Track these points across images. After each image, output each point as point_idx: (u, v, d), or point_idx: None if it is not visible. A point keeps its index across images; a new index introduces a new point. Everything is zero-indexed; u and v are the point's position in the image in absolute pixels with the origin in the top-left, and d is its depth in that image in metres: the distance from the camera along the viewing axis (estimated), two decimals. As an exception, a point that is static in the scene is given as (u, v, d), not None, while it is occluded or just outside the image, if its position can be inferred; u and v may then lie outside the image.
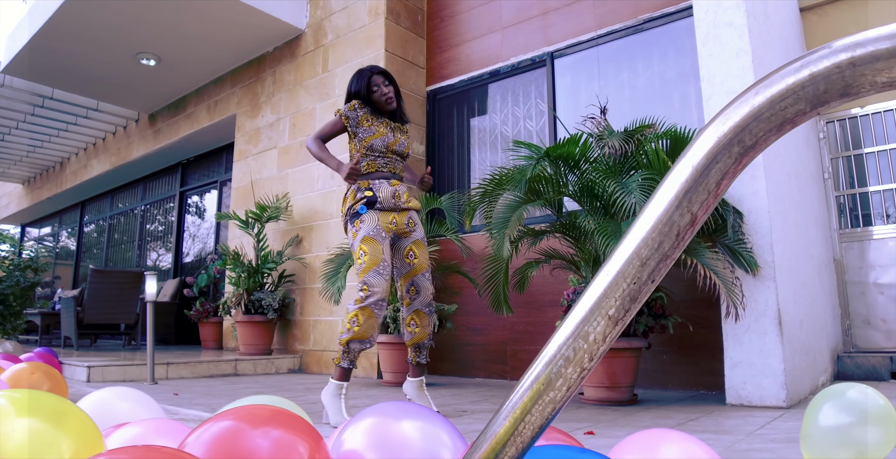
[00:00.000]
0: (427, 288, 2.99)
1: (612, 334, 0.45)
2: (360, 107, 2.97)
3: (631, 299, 0.44)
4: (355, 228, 2.86)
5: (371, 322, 2.74)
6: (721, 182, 0.41)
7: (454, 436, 1.08)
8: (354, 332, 2.72)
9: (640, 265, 0.43)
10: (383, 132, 2.96)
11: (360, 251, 2.80)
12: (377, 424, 1.11)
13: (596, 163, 3.23)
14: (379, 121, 2.98)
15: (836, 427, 1.48)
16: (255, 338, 5.69)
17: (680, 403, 3.32)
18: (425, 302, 2.99)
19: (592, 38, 4.90)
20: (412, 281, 2.98)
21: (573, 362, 0.45)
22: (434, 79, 5.91)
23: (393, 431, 1.08)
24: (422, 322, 3.00)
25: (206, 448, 0.96)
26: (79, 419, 1.20)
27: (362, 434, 1.10)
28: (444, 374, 5.08)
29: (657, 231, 0.42)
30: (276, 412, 1.07)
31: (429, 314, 3.01)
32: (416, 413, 1.13)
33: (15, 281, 6.04)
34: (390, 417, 1.11)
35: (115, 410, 1.65)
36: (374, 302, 2.73)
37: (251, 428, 1.01)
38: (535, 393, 0.47)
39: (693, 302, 3.72)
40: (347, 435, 1.11)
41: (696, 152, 0.42)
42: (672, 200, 0.42)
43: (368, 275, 2.75)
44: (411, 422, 1.11)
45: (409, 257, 2.98)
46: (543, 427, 0.48)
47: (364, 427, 1.11)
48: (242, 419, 1.02)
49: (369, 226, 2.83)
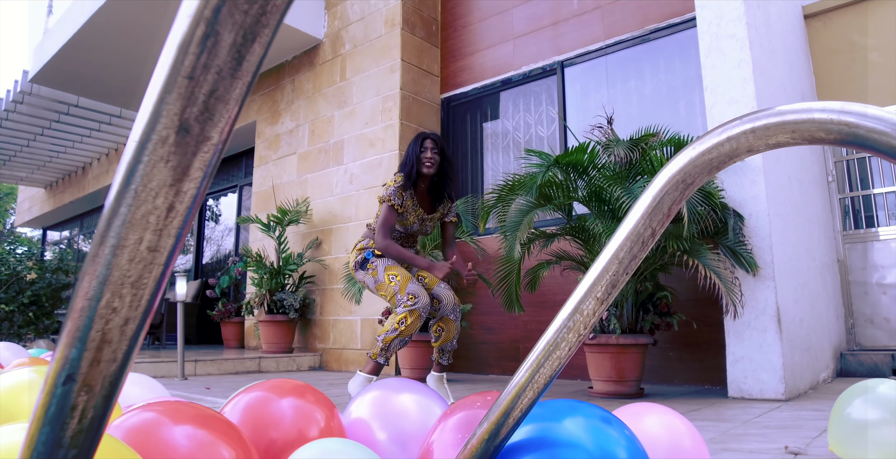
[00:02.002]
0: (448, 295, 3.23)
1: (599, 310, 0.65)
2: (404, 192, 3.19)
3: (612, 286, 0.64)
4: (371, 269, 3.18)
5: (416, 323, 3.02)
6: (671, 207, 0.62)
7: (444, 407, 1.30)
8: (401, 331, 3.00)
9: (617, 263, 0.63)
10: (412, 221, 3.26)
11: (390, 276, 3.10)
12: (380, 396, 1.33)
13: (603, 170, 3.43)
14: (413, 210, 3.25)
15: (866, 423, 1.48)
16: (277, 337, 5.92)
17: (684, 396, 3.50)
18: (449, 308, 3.23)
19: (601, 47, 5.09)
20: (432, 295, 3.23)
21: (573, 330, 0.66)
22: (448, 87, 6.12)
23: (393, 402, 1.31)
24: (447, 327, 3.24)
25: (241, 413, 1.18)
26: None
27: (368, 404, 1.32)
28: (459, 371, 5.28)
29: (629, 240, 0.62)
30: (297, 385, 1.29)
31: (455, 319, 3.26)
32: (413, 388, 1.36)
33: (47, 283, 6.31)
34: (392, 391, 1.34)
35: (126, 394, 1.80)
36: (422, 306, 3.01)
37: (277, 398, 1.22)
38: (546, 352, 0.67)
39: (697, 301, 3.90)
40: (355, 406, 1.34)
41: (654, 187, 0.62)
42: (639, 219, 0.62)
43: (409, 287, 3.04)
44: (409, 395, 1.33)
45: (419, 280, 3.30)
46: (553, 378, 0.68)
47: (369, 398, 1.33)
48: (270, 389, 1.24)
49: (384, 261, 3.17)
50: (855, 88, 5.35)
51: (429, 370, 4.53)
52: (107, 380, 0.33)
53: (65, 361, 0.33)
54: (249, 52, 0.26)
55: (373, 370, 3.05)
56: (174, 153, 0.27)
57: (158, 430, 0.95)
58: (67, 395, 0.33)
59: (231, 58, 0.26)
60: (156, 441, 0.92)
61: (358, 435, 1.27)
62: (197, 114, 0.27)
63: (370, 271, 3.18)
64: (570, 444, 0.78)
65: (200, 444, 0.94)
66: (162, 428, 0.95)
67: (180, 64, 0.26)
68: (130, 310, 0.31)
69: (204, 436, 0.96)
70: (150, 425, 0.95)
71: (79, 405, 0.34)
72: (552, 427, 0.81)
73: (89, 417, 0.34)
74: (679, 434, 1.07)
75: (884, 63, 5.37)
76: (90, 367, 0.32)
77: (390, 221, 3.16)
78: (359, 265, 3.24)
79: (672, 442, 1.04)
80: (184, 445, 0.93)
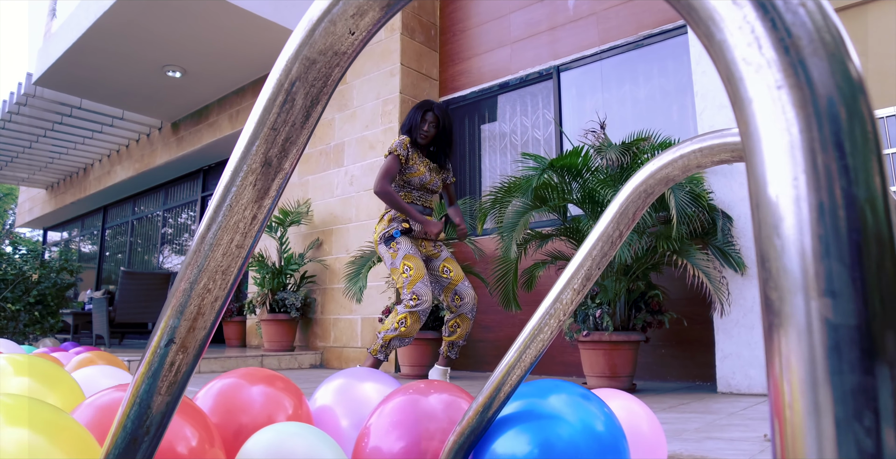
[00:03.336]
0: (469, 294, 3.36)
1: (577, 299, 0.77)
2: (410, 145, 3.33)
3: (587, 278, 0.76)
4: (392, 249, 3.25)
5: (416, 325, 3.14)
6: (636, 213, 0.74)
7: None
8: (401, 332, 3.11)
9: (591, 259, 0.75)
10: (422, 171, 3.37)
11: (405, 266, 3.18)
12: (344, 384, 1.42)
13: (596, 173, 3.55)
14: (421, 161, 3.36)
15: None
16: (278, 336, 6.04)
17: (675, 392, 3.62)
18: (468, 308, 3.37)
19: (596, 52, 5.21)
20: (455, 291, 3.36)
21: (554, 316, 0.78)
22: (447, 90, 6.24)
23: (355, 390, 1.40)
24: (462, 324, 3.38)
25: (213, 399, 1.26)
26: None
27: (332, 392, 1.41)
28: (457, 369, 5.40)
29: (600, 240, 0.74)
30: (268, 374, 1.38)
31: (470, 318, 3.39)
32: (374, 377, 1.45)
33: (52, 282, 6.42)
34: (355, 379, 1.43)
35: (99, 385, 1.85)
36: (423, 309, 3.12)
37: (248, 385, 1.31)
38: (531, 336, 0.79)
39: (688, 299, 4.02)
40: (321, 393, 1.42)
41: (621, 196, 0.74)
42: (608, 223, 0.74)
43: (417, 287, 3.13)
44: (372, 384, 1.42)
45: (445, 273, 3.38)
46: (537, 358, 0.80)
47: (334, 386, 1.42)
48: (242, 377, 1.33)
49: (407, 247, 3.24)
50: (844, 92, 5.48)
51: (429, 367, 4.66)
52: (198, 343, 0.45)
53: (167, 329, 0.44)
54: (314, 111, 0.38)
55: (373, 365, 3.17)
56: (259, 179, 0.39)
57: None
58: (167, 355, 0.45)
59: (301, 115, 0.37)
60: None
61: (324, 421, 1.34)
62: (276, 153, 0.38)
63: (391, 251, 3.25)
64: (554, 417, 0.90)
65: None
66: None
67: (266, 119, 0.38)
68: (220, 291, 0.43)
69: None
70: (118, 405, 1.01)
71: (175, 362, 0.45)
72: (538, 402, 0.92)
73: (182, 372, 0.46)
74: (638, 418, 1.18)
75: (871, 67, 5.50)
76: (187, 333, 0.44)
77: (392, 170, 3.26)
78: (384, 239, 3.29)
79: (631, 424, 1.14)
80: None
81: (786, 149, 0.19)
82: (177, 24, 6.29)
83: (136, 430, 0.47)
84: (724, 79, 0.21)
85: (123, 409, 0.48)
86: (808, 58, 0.19)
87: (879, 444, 0.17)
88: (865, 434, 0.17)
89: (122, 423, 0.48)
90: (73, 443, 0.82)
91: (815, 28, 0.20)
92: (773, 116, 0.19)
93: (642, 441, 1.14)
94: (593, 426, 0.91)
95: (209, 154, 8.94)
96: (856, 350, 0.17)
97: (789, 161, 0.19)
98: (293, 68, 0.36)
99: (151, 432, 0.47)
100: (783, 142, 0.19)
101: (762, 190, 0.19)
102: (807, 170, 0.19)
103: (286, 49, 0.37)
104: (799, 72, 0.19)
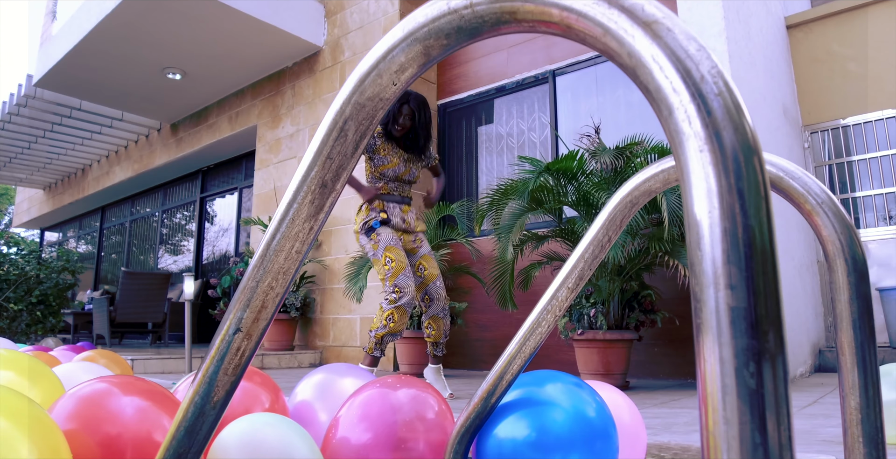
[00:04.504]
0: (440, 295, 3.41)
1: (571, 296, 0.87)
2: (378, 136, 3.37)
3: (580, 278, 0.86)
4: (373, 240, 3.29)
5: (403, 319, 3.19)
6: (622, 221, 0.84)
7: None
8: (390, 328, 3.17)
9: (583, 261, 0.85)
10: (395, 162, 3.38)
11: (386, 258, 3.22)
12: (323, 379, 1.47)
13: (591, 176, 3.66)
14: (394, 152, 3.39)
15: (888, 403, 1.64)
16: (278, 335, 6.14)
17: (666, 388, 3.73)
18: (439, 308, 3.41)
19: (591, 57, 5.32)
20: (426, 291, 3.40)
21: (550, 312, 0.88)
22: (444, 93, 6.35)
23: (334, 385, 1.45)
24: (437, 325, 3.43)
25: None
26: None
27: (311, 387, 1.46)
28: (455, 367, 5.50)
29: (591, 244, 0.84)
30: (247, 371, 1.42)
31: (443, 317, 3.44)
32: (352, 372, 1.51)
33: (54, 282, 6.49)
34: (334, 374, 1.49)
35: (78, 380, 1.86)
36: (406, 302, 3.17)
37: None
38: (530, 329, 0.89)
39: (680, 299, 4.13)
40: (301, 388, 1.47)
41: (610, 205, 0.84)
42: (598, 229, 0.84)
43: (398, 279, 3.18)
44: (351, 380, 1.47)
45: (420, 270, 3.42)
46: (536, 349, 0.91)
47: (313, 381, 1.47)
48: None
49: (388, 238, 3.27)
50: (835, 96, 5.61)
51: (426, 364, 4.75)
52: (260, 331, 0.55)
53: (235, 319, 0.54)
54: (361, 143, 0.48)
55: (371, 363, 3.26)
56: (316, 197, 0.49)
57: (106, 400, 1.04)
58: (234, 341, 0.55)
59: (352, 147, 0.47)
60: (101, 409, 1.02)
61: (302, 415, 1.39)
62: (330, 177, 0.48)
63: (372, 242, 3.28)
64: (550, 403, 1.00)
65: (144, 414, 1.05)
66: (109, 398, 1.05)
67: (322, 149, 0.48)
68: (280, 288, 0.53)
69: (147, 407, 1.07)
70: (99, 395, 1.05)
71: (241, 347, 0.55)
72: (536, 390, 1.03)
73: (245, 356, 0.56)
74: (620, 410, 1.27)
75: (861, 72, 5.62)
76: (252, 323, 0.54)
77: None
78: (364, 231, 3.33)
79: (615, 416, 1.24)
80: (128, 414, 1.03)
81: (705, 192, 0.29)
82: (177, 27, 6.37)
83: (205, 405, 0.57)
84: (669, 139, 0.31)
85: (194, 387, 0.57)
86: (721, 131, 0.29)
87: (760, 382, 0.27)
88: (750, 376, 0.27)
89: (193, 399, 0.57)
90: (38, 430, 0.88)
91: (726, 111, 0.30)
92: (698, 170, 0.29)
93: (624, 431, 1.25)
94: (586, 412, 1.01)
95: (208, 155, 9.02)
96: (746, 322, 0.27)
97: (706, 200, 0.29)
98: (346, 110, 0.46)
99: (218, 406, 0.57)
100: (704, 187, 0.29)
101: (692, 217, 0.30)
102: (719, 206, 0.29)
103: (340, 94, 0.47)
104: (714, 141, 0.29)
